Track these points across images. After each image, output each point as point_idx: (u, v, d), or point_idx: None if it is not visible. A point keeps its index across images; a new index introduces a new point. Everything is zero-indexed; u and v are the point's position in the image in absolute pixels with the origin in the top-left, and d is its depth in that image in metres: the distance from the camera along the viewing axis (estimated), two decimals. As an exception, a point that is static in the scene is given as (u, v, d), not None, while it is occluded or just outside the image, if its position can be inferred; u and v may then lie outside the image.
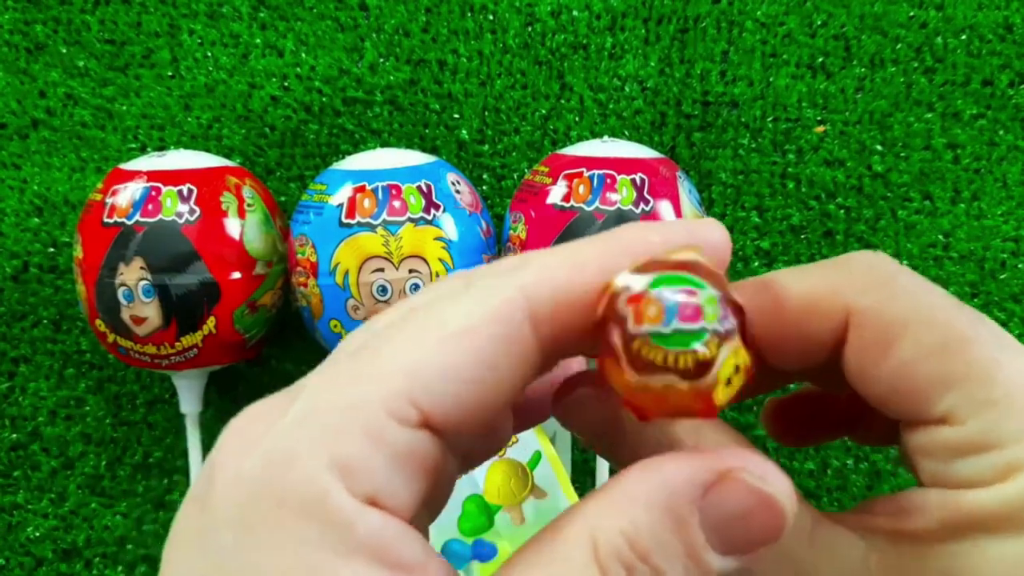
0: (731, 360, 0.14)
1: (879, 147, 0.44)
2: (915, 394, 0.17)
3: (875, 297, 0.17)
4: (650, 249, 0.15)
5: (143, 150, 0.46)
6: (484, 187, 0.45)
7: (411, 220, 0.36)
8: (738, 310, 0.14)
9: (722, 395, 0.14)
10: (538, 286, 0.15)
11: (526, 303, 0.15)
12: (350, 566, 0.14)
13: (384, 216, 0.36)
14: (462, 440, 0.16)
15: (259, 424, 0.15)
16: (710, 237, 0.16)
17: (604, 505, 0.15)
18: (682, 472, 0.15)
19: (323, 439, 0.14)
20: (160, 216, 0.37)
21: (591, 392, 0.18)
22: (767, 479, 0.15)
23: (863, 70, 0.45)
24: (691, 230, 0.17)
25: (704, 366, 0.14)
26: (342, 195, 0.37)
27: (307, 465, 0.14)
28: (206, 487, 0.15)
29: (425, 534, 0.16)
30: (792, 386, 0.23)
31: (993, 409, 0.16)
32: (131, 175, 0.38)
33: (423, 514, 0.16)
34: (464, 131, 0.45)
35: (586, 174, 0.37)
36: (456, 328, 0.15)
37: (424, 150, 0.42)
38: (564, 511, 0.15)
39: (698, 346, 0.14)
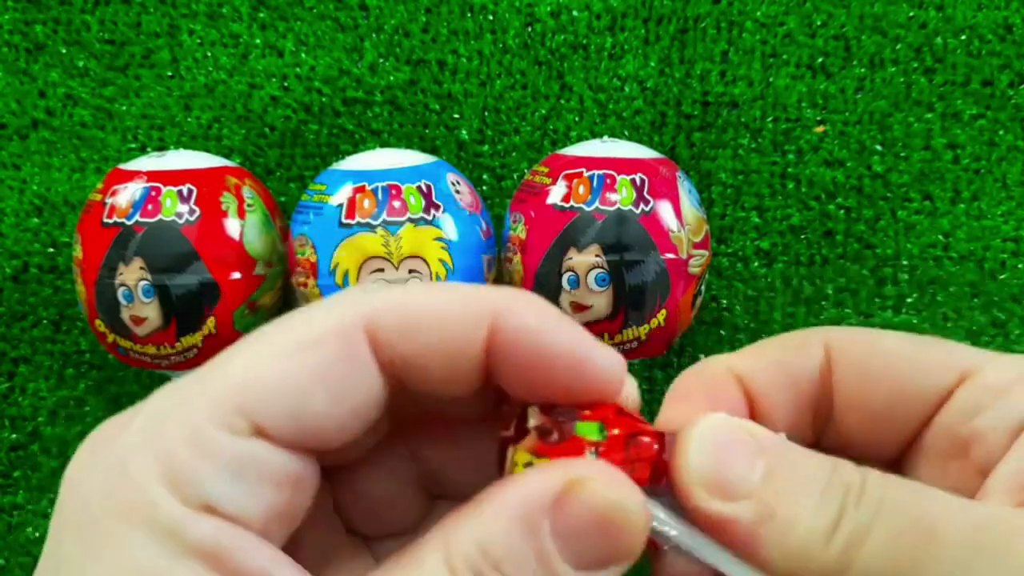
0: (520, 456, 0.17)
1: (879, 147, 0.44)
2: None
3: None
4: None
5: (143, 150, 0.46)
6: (484, 187, 0.45)
7: (411, 220, 0.36)
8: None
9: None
10: (381, 311, 0.16)
11: (363, 324, 0.16)
12: (183, 572, 0.14)
13: (384, 216, 0.36)
14: (309, 449, 0.16)
15: (106, 439, 0.16)
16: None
17: (461, 519, 0.15)
18: (536, 483, 0.15)
19: (154, 451, 0.15)
20: (160, 216, 0.37)
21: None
22: (613, 490, 0.15)
23: (863, 70, 0.45)
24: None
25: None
26: (342, 195, 0.37)
27: (138, 477, 0.15)
28: (59, 501, 0.16)
29: (281, 541, 0.16)
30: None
31: None
32: (131, 175, 0.38)
33: (281, 522, 0.16)
34: (464, 131, 0.45)
35: (586, 174, 0.37)
36: (290, 344, 0.16)
37: (424, 150, 0.42)
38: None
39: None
